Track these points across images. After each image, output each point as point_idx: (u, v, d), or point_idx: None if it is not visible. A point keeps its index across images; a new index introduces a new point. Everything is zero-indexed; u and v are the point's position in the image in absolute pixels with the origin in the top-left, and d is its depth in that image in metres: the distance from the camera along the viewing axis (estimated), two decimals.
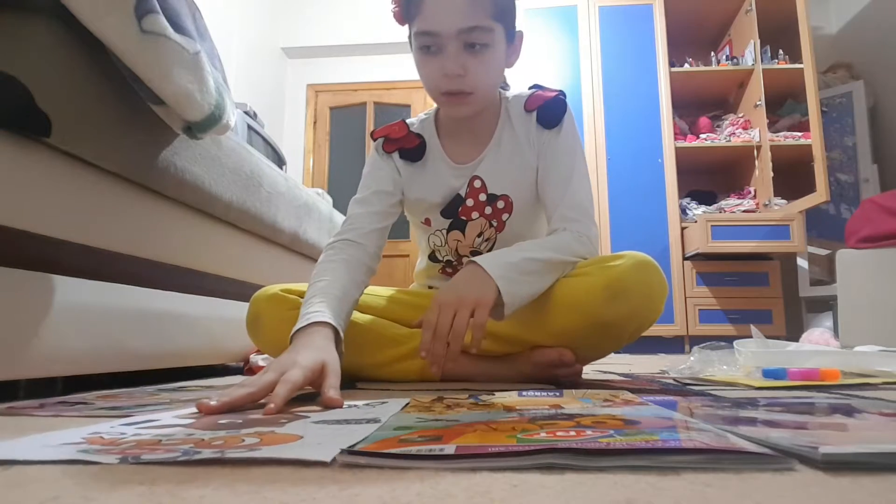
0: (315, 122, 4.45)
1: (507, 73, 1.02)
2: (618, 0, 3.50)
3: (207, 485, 0.30)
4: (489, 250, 1.04)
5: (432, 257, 1.11)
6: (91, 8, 0.75)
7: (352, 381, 1.02)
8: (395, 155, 1.05)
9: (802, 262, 3.36)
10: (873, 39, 3.57)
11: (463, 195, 1.02)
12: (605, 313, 0.89)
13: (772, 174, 3.16)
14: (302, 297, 1.00)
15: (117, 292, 0.95)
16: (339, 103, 4.48)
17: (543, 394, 0.68)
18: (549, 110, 0.99)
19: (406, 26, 0.93)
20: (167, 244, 1.09)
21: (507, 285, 0.81)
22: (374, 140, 1.07)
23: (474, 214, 1.02)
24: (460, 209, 1.03)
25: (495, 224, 1.02)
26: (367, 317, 1.03)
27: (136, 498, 0.28)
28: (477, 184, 1.01)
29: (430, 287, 1.15)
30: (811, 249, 3.31)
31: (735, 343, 1.09)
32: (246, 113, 2.54)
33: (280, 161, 2.74)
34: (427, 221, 1.07)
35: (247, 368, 1.38)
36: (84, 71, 0.80)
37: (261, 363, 1.36)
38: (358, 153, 4.31)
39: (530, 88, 1.04)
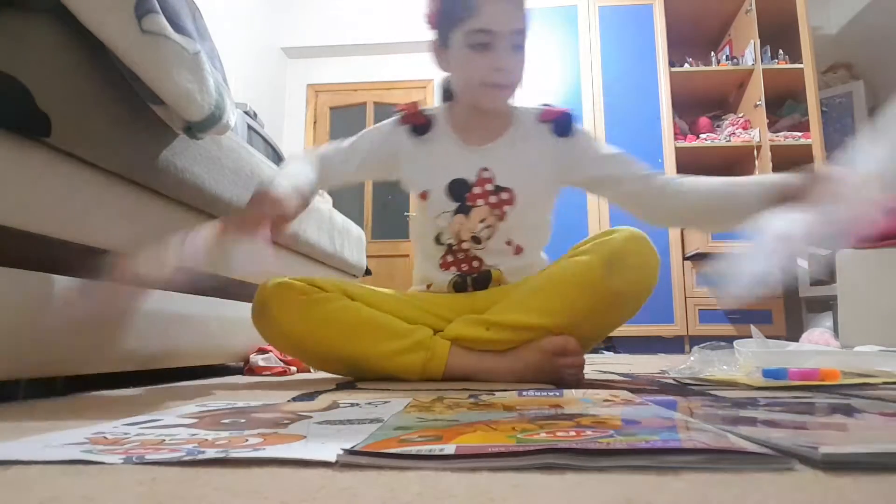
0: (315, 122, 4.45)
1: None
2: (618, 0, 3.50)
3: (207, 484, 0.30)
4: (489, 238, 1.08)
5: (437, 239, 1.10)
6: (91, 8, 0.75)
7: (352, 382, 1.02)
8: (407, 127, 1.12)
9: (802, 262, 3.35)
10: (873, 39, 3.57)
11: (471, 182, 1.07)
12: (604, 285, 0.97)
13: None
14: (309, 285, 1.06)
15: None
16: (339, 103, 4.48)
17: (543, 394, 0.68)
18: (563, 122, 1.11)
19: (434, 29, 1.04)
20: None
21: None
22: (398, 113, 1.15)
23: (479, 201, 1.07)
24: (467, 195, 1.07)
25: (498, 213, 1.07)
26: (368, 309, 1.04)
27: (136, 498, 0.28)
28: (486, 174, 1.07)
29: (427, 287, 1.14)
30: (811, 249, 3.31)
31: (735, 343, 1.09)
32: (246, 113, 2.54)
33: (280, 161, 2.74)
34: (424, 195, 1.09)
35: (247, 368, 1.38)
36: (84, 71, 0.80)
37: (261, 363, 1.36)
38: None
39: (542, 105, 1.15)
